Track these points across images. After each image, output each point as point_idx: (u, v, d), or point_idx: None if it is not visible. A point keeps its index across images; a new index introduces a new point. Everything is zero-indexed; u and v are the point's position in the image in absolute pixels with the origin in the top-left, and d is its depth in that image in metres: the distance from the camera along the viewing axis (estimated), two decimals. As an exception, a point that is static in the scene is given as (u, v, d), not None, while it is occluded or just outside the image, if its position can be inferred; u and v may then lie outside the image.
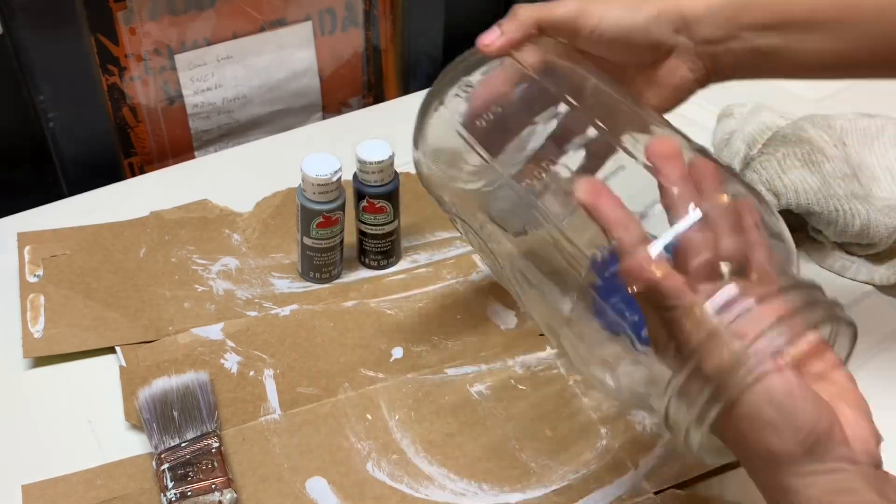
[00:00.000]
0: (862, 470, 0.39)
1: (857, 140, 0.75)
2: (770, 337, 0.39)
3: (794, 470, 0.39)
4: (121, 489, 0.56)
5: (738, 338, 0.40)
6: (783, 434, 0.39)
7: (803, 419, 0.39)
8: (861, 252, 0.75)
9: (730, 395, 0.39)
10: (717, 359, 0.40)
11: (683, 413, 0.42)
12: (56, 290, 0.69)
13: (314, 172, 0.66)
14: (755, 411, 0.39)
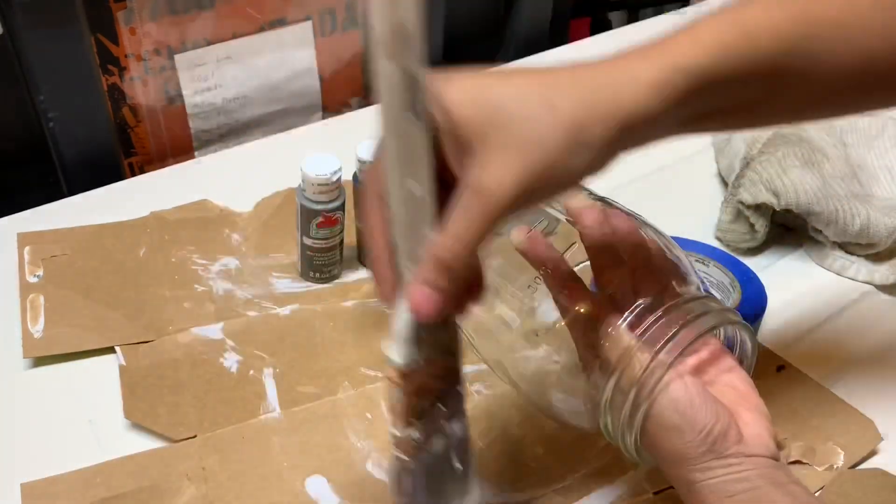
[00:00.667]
0: (756, 462, 0.44)
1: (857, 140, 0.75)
2: (670, 348, 0.45)
3: (697, 465, 0.44)
4: (120, 487, 0.56)
5: (645, 352, 0.45)
6: (686, 436, 0.44)
7: (703, 422, 0.44)
8: (861, 252, 0.75)
9: (645, 404, 0.45)
10: (630, 373, 0.45)
11: (616, 423, 0.47)
12: (56, 290, 0.69)
13: (314, 172, 0.66)
14: (662, 417, 0.45)
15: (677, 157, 0.91)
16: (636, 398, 0.45)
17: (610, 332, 0.47)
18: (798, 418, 0.62)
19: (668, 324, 0.46)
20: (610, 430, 0.48)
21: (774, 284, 0.71)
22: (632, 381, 0.45)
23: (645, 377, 0.45)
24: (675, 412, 0.44)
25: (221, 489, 0.56)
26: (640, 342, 0.46)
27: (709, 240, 0.78)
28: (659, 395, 0.44)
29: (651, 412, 0.45)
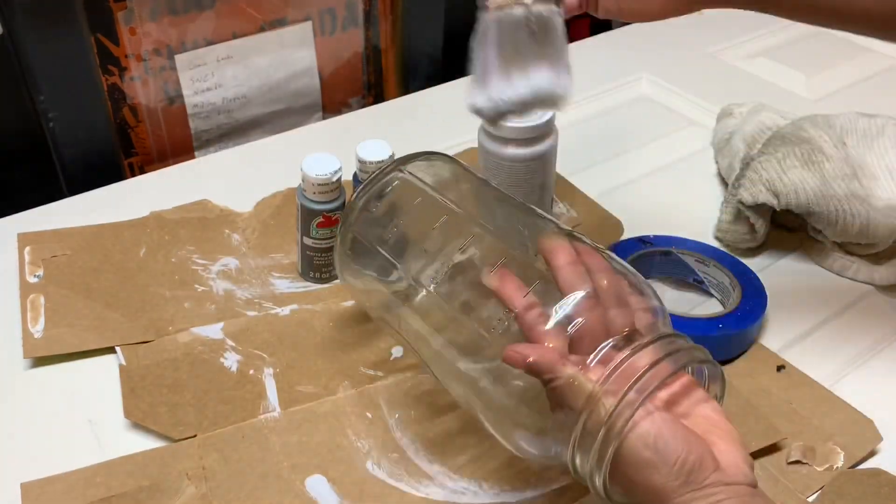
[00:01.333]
0: (736, 490, 0.44)
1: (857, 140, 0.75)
2: (638, 387, 0.45)
3: (677, 499, 0.44)
4: (120, 487, 0.56)
5: (611, 395, 0.45)
6: (661, 470, 0.44)
7: (675, 454, 0.44)
8: (861, 252, 0.75)
9: (613, 446, 0.44)
10: (596, 418, 0.45)
11: (584, 464, 0.47)
12: (56, 290, 0.69)
13: (314, 172, 0.66)
14: (635, 455, 0.44)
15: (677, 157, 0.92)
16: (604, 439, 0.45)
17: (575, 376, 0.46)
18: (798, 418, 0.62)
19: (636, 363, 0.46)
20: (579, 471, 0.48)
21: (774, 284, 0.72)
22: (598, 424, 0.45)
23: (613, 419, 0.44)
24: (646, 448, 0.44)
25: (221, 489, 0.56)
26: (604, 385, 0.45)
27: (709, 240, 0.78)
28: (628, 434, 0.44)
29: (621, 451, 0.45)
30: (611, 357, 0.47)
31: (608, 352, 0.47)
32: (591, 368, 0.47)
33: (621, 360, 0.46)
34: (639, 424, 0.44)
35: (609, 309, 0.49)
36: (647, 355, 0.46)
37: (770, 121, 0.83)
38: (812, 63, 1.09)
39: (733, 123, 0.87)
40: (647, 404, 0.45)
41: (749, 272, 0.71)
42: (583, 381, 0.46)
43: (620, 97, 1.02)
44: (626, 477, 0.45)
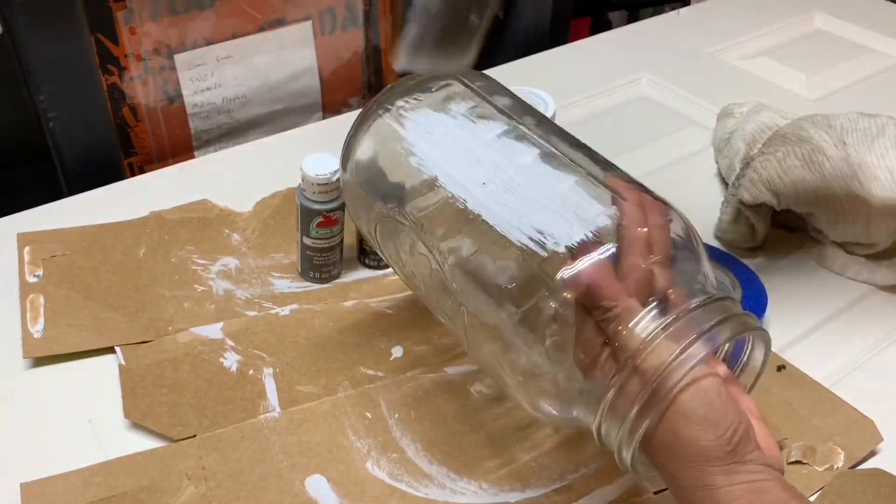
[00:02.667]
0: (773, 472, 0.43)
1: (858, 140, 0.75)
2: (702, 343, 0.43)
3: (719, 468, 0.42)
4: (120, 487, 0.55)
5: (674, 342, 0.43)
6: (715, 430, 0.42)
7: (731, 418, 0.42)
8: (861, 252, 0.75)
9: (669, 396, 0.42)
10: (657, 360, 0.42)
11: (616, 426, 0.44)
12: (56, 290, 0.69)
13: (314, 172, 0.66)
14: (690, 409, 0.42)
15: (677, 157, 0.92)
16: (659, 385, 0.42)
17: (632, 315, 0.44)
18: (798, 418, 0.62)
19: (697, 321, 0.44)
20: (603, 435, 0.45)
21: (774, 284, 0.72)
22: (657, 370, 0.42)
23: (674, 367, 0.42)
24: (704, 404, 0.42)
25: (221, 488, 0.56)
26: (666, 332, 0.43)
27: (709, 240, 0.78)
28: (690, 386, 0.42)
29: (678, 403, 0.42)
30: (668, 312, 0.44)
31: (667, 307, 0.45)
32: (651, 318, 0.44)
33: (683, 314, 0.44)
34: (700, 379, 0.42)
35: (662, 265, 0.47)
36: (707, 313, 0.44)
37: (770, 121, 0.83)
38: (812, 63, 1.09)
39: (733, 123, 0.87)
40: (711, 362, 0.43)
41: (749, 272, 0.71)
42: (645, 320, 0.44)
43: (620, 97, 1.02)
44: (669, 433, 0.43)
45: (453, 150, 0.53)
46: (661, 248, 0.47)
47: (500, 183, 0.50)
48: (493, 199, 0.50)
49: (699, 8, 1.25)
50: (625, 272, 0.46)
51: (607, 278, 0.45)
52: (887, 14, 1.22)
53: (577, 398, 0.47)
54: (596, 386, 0.45)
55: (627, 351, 0.44)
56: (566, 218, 0.47)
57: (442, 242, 0.52)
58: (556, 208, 0.48)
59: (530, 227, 0.47)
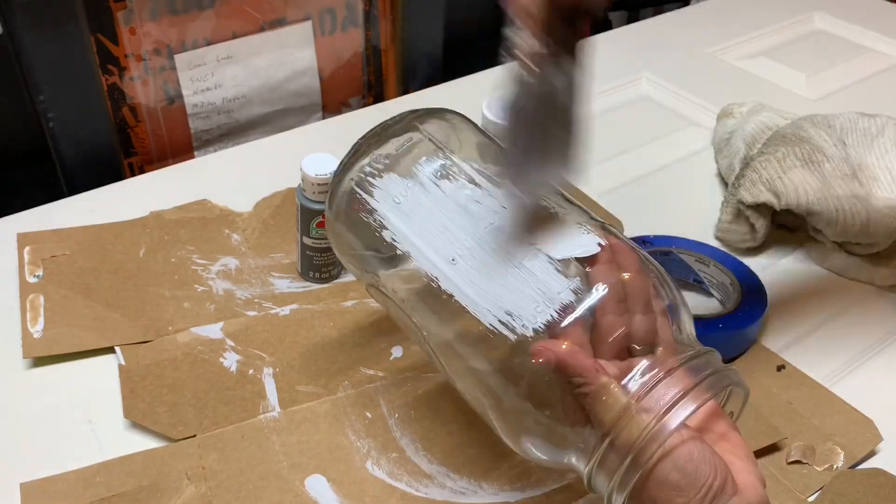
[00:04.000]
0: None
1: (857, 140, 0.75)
2: (676, 412, 0.44)
3: None
4: (120, 487, 0.56)
5: (646, 413, 0.44)
6: (687, 493, 0.43)
7: (703, 479, 0.43)
8: (861, 252, 0.75)
9: (644, 469, 0.43)
10: (629, 436, 0.44)
11: (604, 482, 0.45)
12: (56, 290, 0.69)
13: (314, 172, 0.66)
14: (663, 477, 0.44)
15: (677, 157, 0.92)
16: (634, 461, 0.43)
17: (604, 390, 0.45)
18: (798, 418, 0.62)
19: (672, 384, 0.45)
20: (593, 485, 0.47)
21: (774, 284, 0.72)
22: (629, 443, 0.44)
23: (647, 440, 0.43)
24: (676, 470, 0.43)
25: (221, 488, 0.56)
26: (638, 404, 0.44)
27: (709, 240, 0.78)
28: (664, 457, 0.43)
29: (652, 473, 0.44)
30: (643, 373, 0.45)
31: (640, 367, 0.46)
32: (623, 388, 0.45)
33: (659, 379, 0.45)
34: (673, 448, 0.43)
35: (636, 314, 0.48)
36: (685, 374, 0.45)
37: (770, 121, 0.83)
38: (812, 63, 1.09)
39: (733, 123, 0.87)
40: (683, 430, 0.44)
41: (749, 272, 0.71)
42: (617, 394, 0.45)
43: (620, 97, 1.02)
44: (647, 495, 0.44)
45: (422, 222, 0.53)
46: (635, 299, 0.48)
47: (469, 258, 0.51)
48: (462, 277, 0.50)
49: (699, 8, 1.25)
50: (600, 335, 0.47)
51: (573, 356, 0.46)
52: (887, 14, 1.22)
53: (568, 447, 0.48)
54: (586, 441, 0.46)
55: (603, 427, 0.45)
56: (532, 297, 0.48)
57: (421, 325, 0.53)
58: (521, 286, 0.49)
59: (499, 308, 0.48)
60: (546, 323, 0.47)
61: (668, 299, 0.49)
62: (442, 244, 0.52)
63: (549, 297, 0.48)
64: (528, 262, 0.49)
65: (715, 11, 1.22)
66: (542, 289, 0.48)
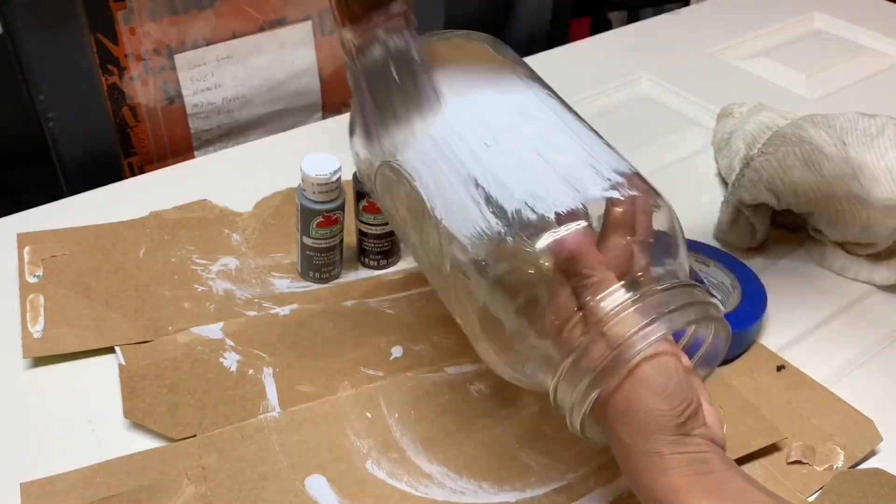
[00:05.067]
0: (715, 447, 0.46)
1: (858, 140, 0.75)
2: (665, 321, 0.45)
3: (668, 437, 0.44)
4: (120, 487, 0.55)
5: (641, 315, 0.45)
6: (669, 401, 0.44)
7: (685, 392, 0.45)
8: (861, 252, 0.75)
9: (630, 363, 0.44)
10: (623, 328, 0.45)
11: (571, 387, 0.46)
12: (56, 290, 0.69)
13: (314, 172, 0.66)
14: (649, 378, 0.45)
15: (677, 157, 0.91)
16: (617, 357, 0.44)
17: (606, 285, 0.46)
18: (798, 418, 0.62)
19: (666, 301, 0.46)
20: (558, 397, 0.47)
21: (774, 284, 0.72)
22: (623, 336, 0.44)
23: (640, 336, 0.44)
24: (662, 375, 0.45)
25: (221, 488, 0.56)
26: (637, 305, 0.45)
27: (709, 240, 0.78)
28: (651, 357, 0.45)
29: (637, 371, 0.45)
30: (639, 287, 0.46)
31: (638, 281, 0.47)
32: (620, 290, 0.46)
33: (656, 290, 0.46)
34: (661, 354, 0.45)
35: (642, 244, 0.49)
36: (674, 295, 0.46)
37: (770, 121, 0.83)
38: (812, 63, 1.09)
39: (733, 123, 0.87)
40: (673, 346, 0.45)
41: (749, 272, 0.71)
42: (617, 290, 0.46)
43: (620, 97, 1.02)
44: (626, 395, 0.45)
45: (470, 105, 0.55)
46: (643, 231, 0.49)
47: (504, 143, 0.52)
48: (492, 158, 0.51)
49: (699, 8, 1.25)
50: (606, 246, 0.48)
51: (589, 248, 0.47)
52: (887, 14, 1.22)
53: (541, 358, 0.49)
54: (561, 348, 0.47)
55: (596, 316, 0.46)
56: (560, 186, 0.49)
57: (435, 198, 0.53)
58: (553, 175, 0.50)
59: (526, 189, 0.49)
60: (568, 210, 0.48)
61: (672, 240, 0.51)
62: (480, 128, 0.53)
63: (579, 189, 0.49)
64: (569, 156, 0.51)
65: (715, 11, 1.22)
66: (573, 181, 0.49)
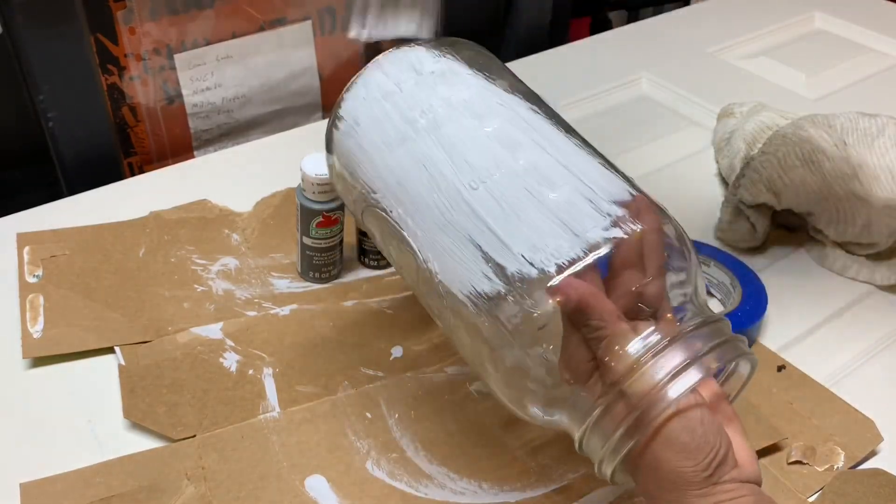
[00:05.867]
0: (750, 487, 0.44)
1: (858, 139, 0.75)
2: (689, 373, 0.43)
3: (697, 490, 0.43)
4: (120, 487, 0.55)
5: (662, 370, 0.43)
6: (694, 457, 0.43)
7: (711, 446, 0.43)
8: (861, 252, 0.75)
9: (654, 423, 0.43)
10: (643, 387, 0.43)
11: (599, 443, 0.44)
12: (56, 290, 0.69)
13: (314, 172, 0.66)
14: (672, 437, 0.43)
15: (677, 157, 0.91)
16: (641, 417, 0.42)
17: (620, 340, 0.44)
18: (798, 418, 0.62)
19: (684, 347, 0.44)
20: (584, 447, 0.46)
21: (774, 284, 0.72)
22: (642, 397, 0.42)
23: (660, 397, 0.42)
24: (686, 431, 0.43)
25: (220, 489, 0.56)
26: (654, 360, 0.43)
27: (709, 240, 0.78)
28: (674, 415, 0.43)
29: (661, 431, 0.43)
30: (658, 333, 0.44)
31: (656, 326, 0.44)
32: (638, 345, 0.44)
33: (674, 338, 0.43)
34: (685, 409, 0.43)
35: (653, 277, 0.46)
36: (697, 339, 0.44)
37: (770, 120, 0.83)
38: (812, 62, 1.09)
39: (733, 123, 0.87)
40: (696, 393, 0.43)
41: (749, 272, 0.71)
42: (633, 344, 0.44)
43: (620, 97, 1.02)
44: (652, 456, 0.43)
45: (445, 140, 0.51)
46: (655, 258, 0.46)
47: (492, 185, 0.48)
48: (481, 205, 0.48)
49: (699, 8, 1.25)
50: (617, 288, 0.46)
51: (596, 297, 0.44)
52: (887, 14, 1.22)
53: (563, 404, 0.47)
54: (582, 397, 0.45)
55: (614, 374, 0.44)
56: (558, 232, 0.46)
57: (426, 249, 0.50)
58: (549, 219, 0.46)
59: (523, 240, 0.46)
60: (570, 260, 0.45)
61: (687, 261, 0.48)
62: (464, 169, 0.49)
63: (577, 233, 0.45)
64: (560, 194, 0.47)
65: (715, 11, 1.22)
66: (570, 223, 0.46)
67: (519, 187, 0.48)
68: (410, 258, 0.51)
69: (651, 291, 0.46)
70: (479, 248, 0.47)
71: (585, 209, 0.46)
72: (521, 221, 0.46)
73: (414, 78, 0.53)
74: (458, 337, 0.51)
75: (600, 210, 0.46)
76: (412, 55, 0.55)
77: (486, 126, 0.50)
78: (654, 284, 0.46)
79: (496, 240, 0.47)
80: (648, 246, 0.46)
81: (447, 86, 0.53)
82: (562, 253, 0.45)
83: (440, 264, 0.49)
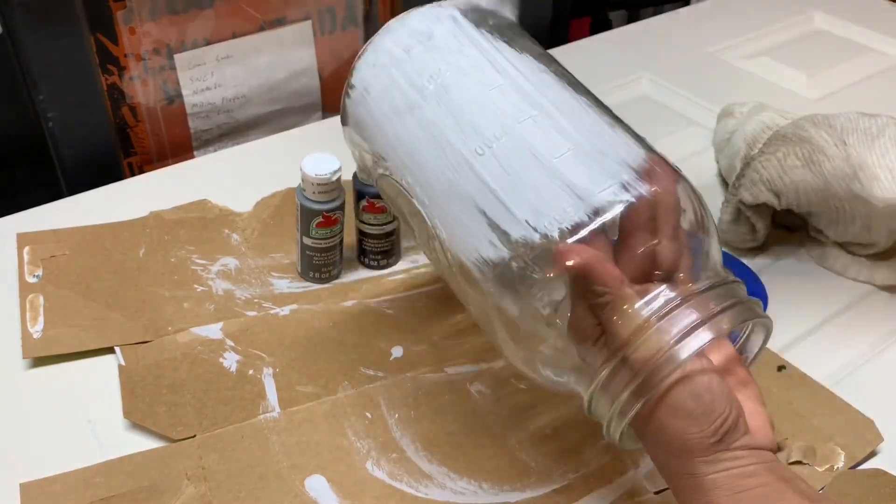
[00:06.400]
0: (762, 455, 0.43)
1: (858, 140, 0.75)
2: (696, 336, 0.42)
3: (705, 457, 0.42)
4: (120, 487, 0.55)
5: (666, 334, 0.42)
6: (700, 424, 0.42)
7: (719, 412, 0.42)
8: (861, 252, 0.75)
9: (657, 389, 0.42)
10: (646, 353, 0.42)
11: (606, 405, 0.44)
12: (55, 290, 0.69)
13: (314, 172, 0.66)
14: (677, 402, 0.42)
15: (677, 157, 0.91)
16: (645, 382, 0.41)
17: (625, 303, 0.43)
18: (798, 418, 0.62)
19: (695, 308, 0.42)
20: (593, 409, 0.45)
21: (775, 284, 0.71)
22: (646, 363, 0.41)
23: (665, 362, 0.41)
24: (693, 397, 0.42)
25: (220, 489, 0.56)
26: (659, 323, 0.42)
27: (709, 240, 0.78)
28: (679, 381, 0.41)
29: (667, 397, 0.42)
30: (665, 295, 0.43)
31: (662, 288, 0.43)
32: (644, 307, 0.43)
33: (682, 301, 0.43)
34: (691, 375, 0.42)
35: (665, 235, 0.45)
36: (707, 300, 0.43)
37: (771, 120, 0.83)
38: (812, 63, 1.09)
39: (734, 123, 0.87)
40: (703, 357, 0.42)
41: (749, 272, 0.71)
42: (638, 310, 0.43)
43: (620, 97, 1.02)
44: (657, 422, 0.43)
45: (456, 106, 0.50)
46: (669, 221, 0.45)
47: (498, 149, 0.48)
48: (487, 170, 0.47)
49: (699, 8, 1.25)
50: (628, 251, 0.45)
51: (600, 263, 0.43)
52: (887, 14, 1.22)
53: (572, 367, 0.46)
54: (591, 361, 0.45)
55: (618, 340, 0.43)
56: (563, 196, 0.45)
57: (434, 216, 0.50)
58: (554, 183, 0.46)
59: (527, 205, 0.45)
60: (573, 224, 0.44)
61: (701, 224, 0.47)
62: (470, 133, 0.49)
63: (583, 196, 0.45)
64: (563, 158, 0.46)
65: (715, 11, 1.22)
66: (576, 186, 0.45)
67: (525, 151, 0.47)
68: (423, 225, 0.51)
69: (665, 254, 0.45)
70: (485, 214, 0.47)
71: (593, 172, 0.46)
72: (525, 186, 0.46)
73: (423, 43, 0.53)
74: (467, 301, 0.51)
75: (608, 172, 0.46)
76: (421, 18, 0.54)
77: (494, 90, 0.50)
78: (668, 247, 0.45)
79: (501, 206, 0.46)
80: (662, 208, 0.45)
81: (456, 49, 0.52)
82: (566, 217, 0.44)
83: (448, 232, 0.49)
